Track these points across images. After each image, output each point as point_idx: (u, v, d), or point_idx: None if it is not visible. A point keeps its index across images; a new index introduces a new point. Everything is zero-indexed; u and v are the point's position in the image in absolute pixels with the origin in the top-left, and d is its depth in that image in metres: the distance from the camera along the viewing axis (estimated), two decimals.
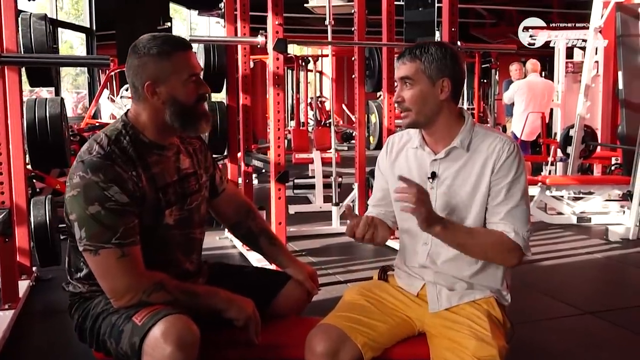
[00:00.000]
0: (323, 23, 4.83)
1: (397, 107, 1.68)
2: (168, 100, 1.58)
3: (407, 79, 1.62)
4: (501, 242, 1.59)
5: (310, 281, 1.90)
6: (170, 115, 1.59)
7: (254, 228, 1.96)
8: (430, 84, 1.61)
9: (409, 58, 1.62)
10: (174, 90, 1.58)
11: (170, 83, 1.57)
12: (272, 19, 3.23)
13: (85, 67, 6.48)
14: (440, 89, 1.61)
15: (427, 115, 1.63)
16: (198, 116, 1.63)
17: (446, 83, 1.61)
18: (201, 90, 1.63)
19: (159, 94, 1.57)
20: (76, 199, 1.49)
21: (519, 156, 1.62)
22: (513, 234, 1.58)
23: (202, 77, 1.67)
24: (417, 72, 1.61)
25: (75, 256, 1.63)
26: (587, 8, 6.29)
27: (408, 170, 1.72)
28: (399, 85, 1.66)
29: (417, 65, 1.61)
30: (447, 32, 3.64)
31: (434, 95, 1.62)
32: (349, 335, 1.56)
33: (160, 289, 1.53)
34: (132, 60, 1.59)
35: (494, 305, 1.65)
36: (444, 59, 1.61)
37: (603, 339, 2.81)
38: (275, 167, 3.37)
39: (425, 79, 1.61)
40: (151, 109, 1.59)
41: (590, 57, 5.97)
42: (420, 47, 1.62)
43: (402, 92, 1.64)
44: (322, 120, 12.28)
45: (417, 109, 1.62)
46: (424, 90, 1.61)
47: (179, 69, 1.58)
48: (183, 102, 1.59)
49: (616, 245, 4.57)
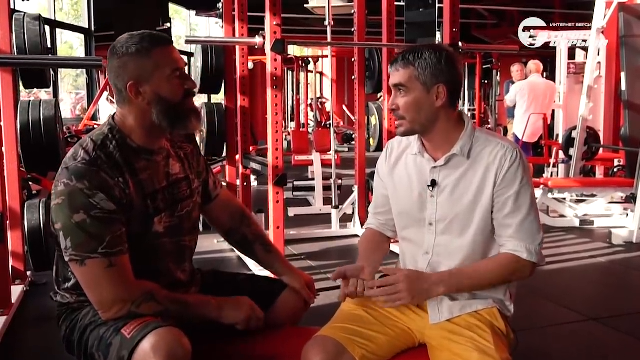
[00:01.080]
0: (323, 24, 4.78)
1: (392, 114, 1.62)
2: (153, 99, 1.51)
3: (400, 86, 1.56)
4: (511, 265, 1.55)
5: (307, 290, 1.84)
6: (158, 115, 1.52)
7: (249, 235, 1.90)
8: (424, 91, 1.54)
9: (401, 64, 1.55)
10: (158, 88, 1.51)
11: (154, 81, 1.50)
12: (270, 19, 3.18)
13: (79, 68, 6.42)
14: (435, 95, 1.55)
15: (422, 123, 1.57)
16: (186, 113, 1.56)
17: (442, 89, 1.55)
18: (187, 85, 1.56)
19: (144, 94, 1.51)
20: (61, 207, 1.43)
21: (523, 163, 1.56)
22: (526, 253, 1.54)
23: (187, 72, 1.61)
24: (411, 79, 1.54)
25: (63, 266, 1.57)
26: (589, 9, 6.24)
27: (407, 177, 1.67)
28: (393, 92, 1.59)
29: (410, 71, 1.54)
30: (448, 33, 3.59)
31: (429, 103, 1.55)
32: (347, 347, 1.50)
33: (150, 300, 1.47)
34: (111, 62, 1.52)
35: (496, 316, 1.59)
36: (439, 63, 1.54)
37: (607, 346, 2.76)
38: (273, 170, 3.32)
39: (420, 85, 1.54)
40: (137, 110, 1.53)
41: (593, 58, 5.91)
42: (413, 52, 1.55)
43: (396, 99, 1.57)
44: (323, 121, 12.22)
45: (412, 117, 1.56)
46: (419, 98, 1.55)
47: (161, 65, 1.51)
48: (169, 99, 1.52)
49: (620, 248, 4.51)
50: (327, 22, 4.57)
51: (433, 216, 1.61)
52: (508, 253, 1.55)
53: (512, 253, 1.55)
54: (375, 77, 4.89)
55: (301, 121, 11.77)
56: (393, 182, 1.71)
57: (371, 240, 1.79)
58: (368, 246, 1.77)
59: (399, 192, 1.69)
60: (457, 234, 1.59)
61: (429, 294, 1.53)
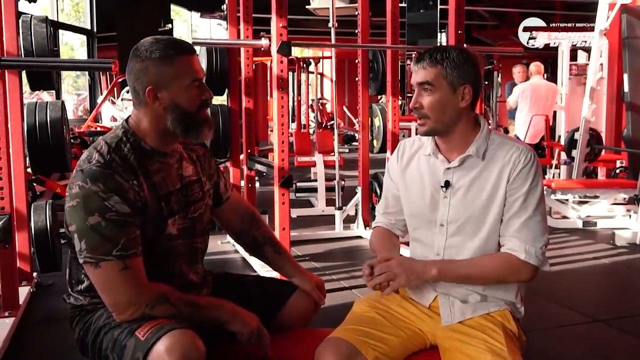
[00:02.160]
0: (324, 25, 4.79)
1: (413, 113, 1.61)
2: (170, 105, 1.53)
3: (426, 85, 1.56)
4: (508, 265, 1.55)
5: (318, 291, 1.85)
6: (172, 122, 1.54)
7: (259, 237, 1.91)
8: (451, 91, 1.55)
9: (429, 62, 1.55)
10: (176, 96, 1.52)
11: (173, 88, 1.52)
12: (276, 21, 3.19)
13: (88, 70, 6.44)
14: (461, 96, 1.55)
15: (445, 123, 1.57)
16: (200, 123, 1.58)
17: (467, 90, 1.55)
18: (204, 96, 1.57)
19: (161, 99, 1.52)
20: (76, 209, 1.44)
21: (536, 165, 1.57)
22: (523, 254, 1.53)
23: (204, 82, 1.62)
24: (438, 77, 1.54)
25: (76, 268, 1.58)
26: (590, 10, 6.25)
27: (420, 178, 1.67)
28: (416, 90, 1.58)
29: (438, 70, 1.54)
30: (453, 35, 3.59)
31: (454, 103, 1.56)
32: (360, 349, 1.51)
33: (163, 302, 1.47)
34: (133, 64, 1.53)
35: (508, 318, 1.60)
36: (466, 64, 1.55)
37: (612, 347, 2.76)
38: (279, 171, 3.32)
39: (447, 85, 1.54)
40: (152, 114, 1.54)
41: (596, 60, 5.92)
42: (441, 51, 1.56)
43: (421, 98, 1.57)
44: (324, 122, 12.23)
45: (436, 116, 1.56)
46: (444, 97, 1.55)
47: (181, 73, 1.52)
48: (185, 108, 1.54)
49: (623, 250, 4.52)
50: (330, 24, 4.58)
51: (445, 217, 1.62)
52: (506, 252, 1.56)
53: (509, 252, 1.55)
54: (379, 79, 4.89)
55: (302, 122, 11.77)
56: (405, 182, 1.71)
57: (383, 236, 1.78)
58: (382, 240, 1.77)
59: (410, 192, 1.70)
60: (469, 236, 1.60)
61: (424, 275, 1.55)
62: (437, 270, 1.54)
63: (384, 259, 1.57)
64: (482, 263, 1.57)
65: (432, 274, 1.54)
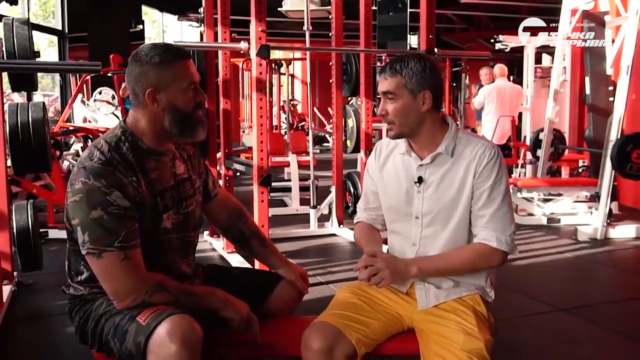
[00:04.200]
0: (296, 27, 4.88)
1: (382, 119, 1.75)
2: (168, 107, 1.63)
3: (389, 94, 1.69)
4: (481, 254, 1.69)
5: (302, 281, 1.97)
6: (170, 122, 1.64)
7: (246, 231, 2.02)
8: (411, 97, 1.68)
9: (390, 73, 1.69)
10: (173, 98, 1.63)
11: (171, 90, 1.63)
12: (256, 25, 3.29)
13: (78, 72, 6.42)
14: (421, 101, 1.69)
15: (410, 126, 1.71)
16: (195, 122, 1.69)
17: (427, 95, 1.69)
18: (199, 98, 1.69)
19: (159, 101, 1.63)
20: (79, 204, 1.53)
21: (500, 160, 1.71)
22: (495, 242, 1.67)
23: None
24: (399, 86, 1.68)
25: (75, 259, 1.67)
26: (554, 14, 6.48)
27: (396, 175, 1.80)
28: (382, 99, 1.73)
29: (398, 80, 1.68)
30: (424, 39, 3.74)
31: (416, 108, 1.69)
32: (344, 332, 1.63)
33: (161, 290, 1.58)
34: (133, 68, 1.63)
35: (479, 301, 1.74)
36: (424, 71, 1.68)
37: (576, 333, 2.94)
38: (259, 170, 3.42)
39: (407, 92, 1.68)
40: (150, 115, 1.65)
41: (559, 63, 6.15)
42: (400, 62, 1.70)
43: (386, 105, 1.71)
44: (295, 123, 12.33)
45: (400, 121, 1.70)
46: (406, 104, 1.69)
47: (179, 77, 1.63)
48: (182, 109, 1.65)
49: (585, 244, 4.74)
50: (305, 27, 4.69)
51: (419, 210, 1.75)
52: (478, 243, 1.70)
53: (483, 242, 1.69)
54: (352, 81, 5.02)
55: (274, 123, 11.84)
56: (382, 179, 1.84)
57: (366, 231, 1.91)
58: (366, 234, 1.89)
59: (387, 188, 1.83)
60: (442, 226, 1.73)
61: (406, 274, 1.68)
62: (417, 269, 1.68)
63: (370, 253, 1.69)
64: (459, 254, 1.71)
65: (414, 272, 1.68)
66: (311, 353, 1.61)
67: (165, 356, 1.44)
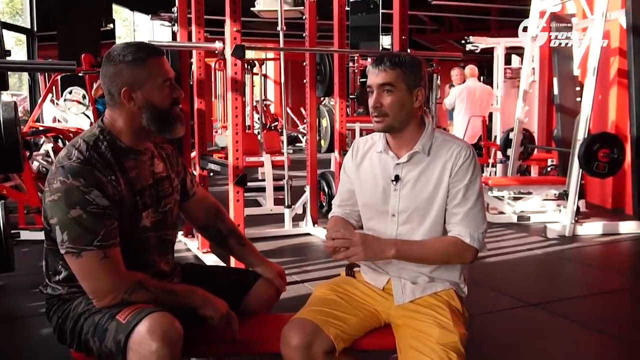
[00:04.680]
0: (269, 27, 4.89)
1: (372, 112, 1.76)
2: (144, 104, 1.64)
3: (388, 85, 1.71)
4: (455, 247, 1.73)
5: (279, 279, 1.99)
6: (147, 120, 1.65)
7: (224, 229, 2.03)
8: (408, 92, 1.72)
9: (390, 65, 1.71)
10: (150, 95, 1.63)
11: (146, 88, 1.63)
12: (231, 25, 3.30)
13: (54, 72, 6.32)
14: (415, 97, 1.73)
15: (401, 120, 1.74)
16: (173, 119, 1.69)
17: (420, 92, 1.73)
18: (175, 94, 1.69)
19: (136, 99, 1.63)
20: (57, 203, 1.53)
21: (475, 160, 1.76)
22: (469, 238, 1.72)
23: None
24: (398, 79, 1.70)
25: (53, 259, 1.67)
26: (523, 16, 6.61)
27: (373, 173, 1.83)
28: (375, 91, 1.73)
29: (398, 73, 1.70)
30: (397, 40, 3.78)
31: (410, 103, 1.73)
32: (322, 328, 1.66)
33: (141, 288, 1.58)
34: (107, 68, 1.63)
35: (453, 296, 1.79)
36: (419, 69, 1.73)
37: (546, 328, 3.01)
38: (234, 170, 3.43)
39: (405, 86, 1.71)
40: (127, 114, 1.65)
41: (528, 64, 6.28)
42: (398, 56, 1.73)
43: (382, 98, 1.72)
44: (268, 123, 12.32)
45: (394, 114, 1.73)
46: (403, 97, 1.72)
47: (154, 74, 1.63)
48: (159, 106, 1.65)
49: (554, 241, 4.86)
50: (279, 28, 4.70)
51: (396, 208, 1.79)
52: (454, 236, 1.74)
53: (457, 237, 1.73)
54: (326, 81, 5.05)
55: (247, 123, 11.82)
56: (359, 177, 1.87)
57: (340, 221, 1.92)
58: (339, 223, 1.90)
59: (364, 186, 1.86)
60: (417, 224, 1.77)
61: (382, 254, 1.69)
62: (395, 250, 1.69)
63: (346, 234, 1.69)
64: (434, 245, 1.75)
65: (390, 253, 1.69)
66: (290, 349, 1.63)
67: (146, 353, 1.44)
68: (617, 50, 5.91)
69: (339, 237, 1.67)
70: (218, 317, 1.68)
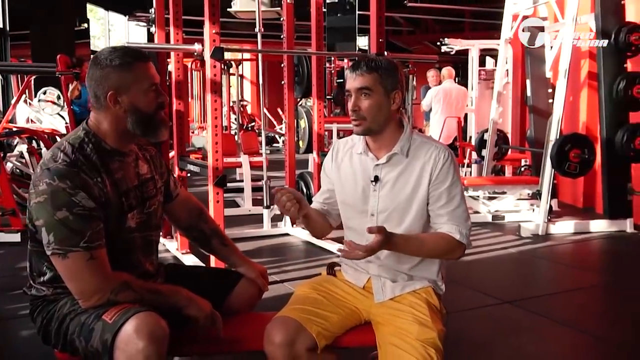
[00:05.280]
0: (245, 28, 4.89)
1: (351, 115, 1.80)
2: (130, 108, 1.66)
3: (365, 89, 1.75)
4: (446, 243, 1.78)
5: (262, 279, 2.03)
6: (132, 123, 1.67)
7: (207, 230, 2.06)
8: (385, 95, 1.77)
9: (366, 70, 1.75)
10: (135, 99, 1.66)
11: (132, 92, 1.66)
12: (210, 27, 3.32)
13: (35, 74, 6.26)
14: (392, 100, 1.78)
15: (379, 123, 1.79)
16: (158, 123, 1.72)
17: (397, 95, 1.78)
18: (160, 99, 1.72)
19: (121, 103, 1.65)
20: (43, 205, 1.55)
21: (453, 162, 1.81)
22: (458, 234, 1.77)
23: None
24: (375, 83, 1.75)
25: (38, 260, 1.68)
26: (495, 18, 6.73)
27: (352, 174, 1.88)
28: (354, 95, 1.78)
29: (375, 76, 1.75)
30: (375, 42, 3.84)
31: (387, 106, 1.78)
32: (305, 325, 1.70)
33: (127, 289, 1.60)
34: (93, 71, 1.66)
35: (431, 294, 1.84)
36: (395, 72, 1.78)
37: (520, 324, 3.10)
38: (214, 171, 3.45)
39: (382, 90, 1.76)
40: (113, 117, 1.67)
41: (502, 66, 6.40)
42: (374, 60, 1.77)
43: (359, 101, 1.77)
44: (244, 124, 12.31)
45: (372, 117, 1.77)
46: (380, 101, 1.76)
47: (140, 79, 1.66)
48: (144, 110, 1.68)
49: (527, 240, 4.97)
50: (257, 29, 4.73)
51: (375, 208, 1.84)
52: (444, 233, 1.79)
53: (447, 233, 1.79)
54: (304, 82, 5.09)
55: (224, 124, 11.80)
56: (339, 178, 1.91)
57: (315, 210, 1.97)
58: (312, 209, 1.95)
59: (344, 187, 1.90)
60: (396, 223, 1.82)
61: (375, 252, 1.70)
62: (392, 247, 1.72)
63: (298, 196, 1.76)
64: (428, 240, 1.79)
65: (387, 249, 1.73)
66: (274, 346, 1.67)
67: (133, 352, 1.47)
68: (587, 53, 6.05)
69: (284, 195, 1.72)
70: (202, 316, 1.71)
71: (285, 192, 1.74)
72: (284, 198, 1.73)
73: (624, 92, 5.09)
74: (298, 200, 1.75)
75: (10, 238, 4.44)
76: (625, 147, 5.07)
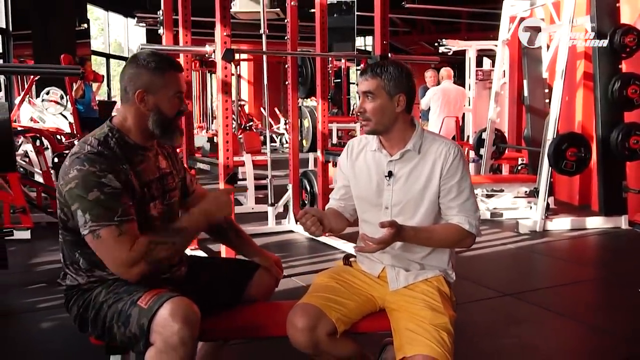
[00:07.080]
0: (245, 28, 4.94)
1: (359, 116, 1.94)
2: (153, 108, 1.79)
3: (369, 93, 1.89)
4: (457, 233, 1.91)
5: (276, 267, 2.15)
6: (153, 123, 1.80)
7: (224, 223, 2.16)
8: (388, 99, 1.89)
9: (370, 75, 1.89)
10: (160, 102, 1.80)
11: (159, 95, 1.79)
12: (221, 30, 3.42)
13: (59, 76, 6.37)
14: (397, 102, 1.90)
15: (384, 124, 1.91)
16: (174, 128, 1.86)
17: (402, 98, 1.90)
18: (182, 107, 1.86)
19: (147, 102, 1.78)
20: (75, 190, 1.66)
21: (462, 157, 1.93)
22: (467, 225, 1.90)
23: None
24: (378, 87, 1.88)
25: (70, 250, 1.78)
26: (491, 19, 6.85)
27: (367, 170, 2.00)
28: (361, 97, 1.92)
29: (377, 81, 1.88)
30: (379, 44, 3.95)
31: (391, 108, 1.90)
32: (325, 312, 1.81)
33: (156, 245, 1.69)
34: (130, 68, 1.79)
35: (442, 282, 1.96)
36: (401, 77, 1.89)
37: (520, 315, 3.22)
38: (224, 169, 3.56)
39: (385, 94, 1.88)
40: (137, 112, 1.80)
41: (499, 66, 6.52)
42: (380, 66, 1.90)
43: (365, 104, 1.90)
44: (243, 123, 12.41)
45: (377, 119, 1.90)
46: (383, 104, 1.89)
47: (169, 84, 1.80)
48: (165, 113, 1.81)
49: (525, 236, 5.10)
50: (262, 30, 4.82)
51: (389, 201, 1.95)
52: (455, 224, 1.91)
53: (458, 224, 1.91)
54: (307, 83, 5.18)
55: None
56: (354, 174, 2.03)
57: (333, 211, 2.10)
58: (332, 213, 2.08)
59: (359, 182, 2.02)
60: (409, 216, 1.94)
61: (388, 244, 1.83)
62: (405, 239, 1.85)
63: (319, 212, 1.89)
64: (439, 232, 1.92)
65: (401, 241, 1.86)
66: (296, 331, 1.78)
67: (169, 334, 1.58)
68: (582, 54, 6.18)
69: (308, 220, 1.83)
70: (222, 201, 1.88)
71: (309, 217, 1.84)
72: (309, 223, 1.84)
73: (619, 93, 5.21)
74: (320, 220, 1.87)
75: (22, 235, 4.53)
76: (620, 146, 5.20)
